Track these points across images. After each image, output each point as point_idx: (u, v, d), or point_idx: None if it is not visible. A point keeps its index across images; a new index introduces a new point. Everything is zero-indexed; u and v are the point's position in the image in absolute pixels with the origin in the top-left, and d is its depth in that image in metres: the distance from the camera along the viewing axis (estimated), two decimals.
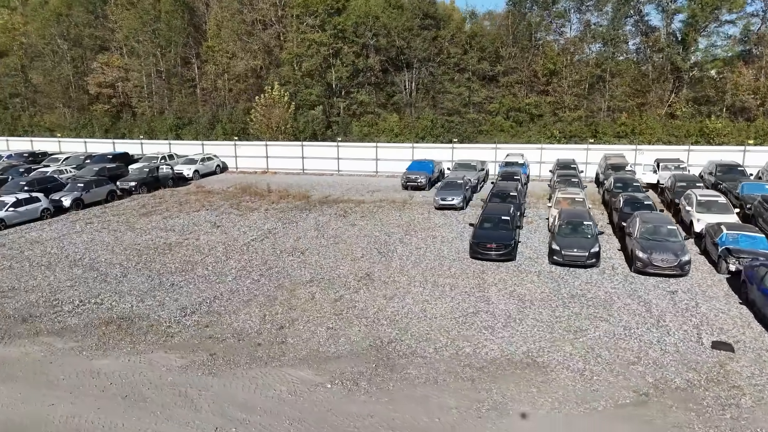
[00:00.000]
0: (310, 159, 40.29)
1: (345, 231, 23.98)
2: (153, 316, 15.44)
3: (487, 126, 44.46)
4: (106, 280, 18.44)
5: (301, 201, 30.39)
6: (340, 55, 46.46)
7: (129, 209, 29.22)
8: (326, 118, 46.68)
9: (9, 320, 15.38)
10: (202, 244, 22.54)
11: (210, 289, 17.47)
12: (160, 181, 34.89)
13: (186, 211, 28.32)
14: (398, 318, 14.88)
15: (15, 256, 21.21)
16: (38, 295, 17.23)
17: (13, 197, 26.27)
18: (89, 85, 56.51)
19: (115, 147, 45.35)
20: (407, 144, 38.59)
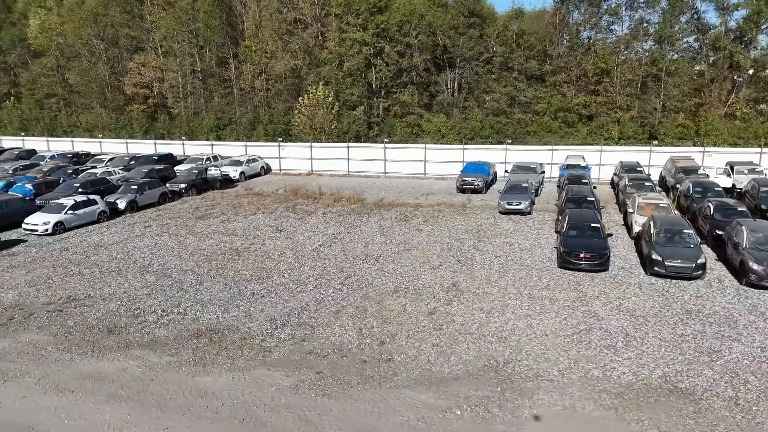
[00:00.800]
0: (356, 161, 39.51)
1: (413, 236, 23.10)
2: (243, 329, 14.72)
3: (534, 127, 43.23)
4: (183, 288, 17.83)
5: (356, 204, 29.59)
6: (382, 55, 45.64)
7: (183, 212, 28.73)
8: (367, 118, 45.89)
9: (94, 331, 14.81)
10: (269, 249, 21.85)
11: (293, 298, 16.72)
12: (208, 183, 34.43)
13: (243, 215, 27.72)
14: (505, 335, 13.94)
15: (82, 261, 20.75)
16: (117, 303, 16.66)
17: (71, 199, 25.92)
18: (125, 86, 56.66)
19: (157, 148, 45.15)
20: (457, 145, 37.58)
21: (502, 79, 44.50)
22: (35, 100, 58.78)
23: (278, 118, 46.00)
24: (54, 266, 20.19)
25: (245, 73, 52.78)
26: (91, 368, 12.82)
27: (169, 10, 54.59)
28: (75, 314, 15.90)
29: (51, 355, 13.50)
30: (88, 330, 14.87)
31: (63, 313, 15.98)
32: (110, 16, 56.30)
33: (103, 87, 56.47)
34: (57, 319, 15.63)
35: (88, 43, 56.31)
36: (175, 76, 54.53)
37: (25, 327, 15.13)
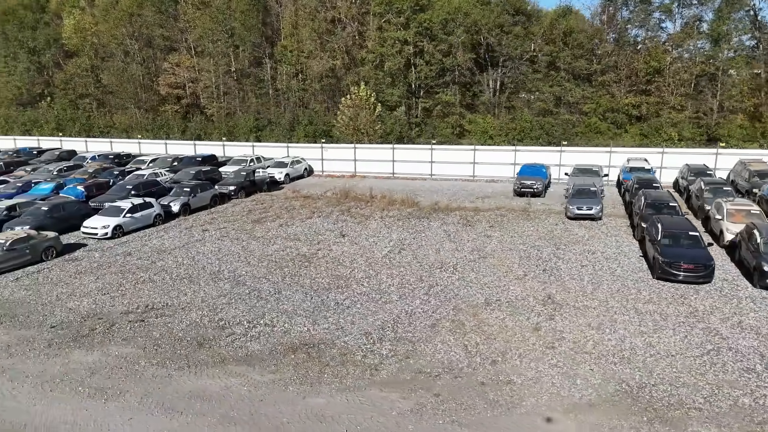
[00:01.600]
0: (401, 163, 38.64)
1: (484, 243, 22.15)
2: (339, 343, 13.94)
3: (582, 128, 42.00)
4: (262, 297, 17.12)
5: (412, 208, 28.69)
6: (424, 54, 44.74)
7: (237, 215, 28.12)
8: (407, 119, 45.03)
9: (183, 344, 14.14)
10: (338, 255, 21.07)
11: (381, 310, 15.91)
12: (256, 185, 33.85)
13: (299, 219, 27.01)
14: (626, 354, 12.95)
15: (149, 267, 20.17)
16: (199, 313, 16.01)
17: (128, 202, 25.45)
18: (160, 86, 56.53)
19: (196, 149, 44.76)
20: (508, 147, 36.51)
21: (548, 78, 43.36)
22: (69, 100, 58.97)
23: (318, 119, 45.32)
24: (122, 272, 19.65)
25: (281, 74, 52.32)
26: (192, 386, 12.13)
27: (204, 9, 54.36)
28: (158, 325, 15.26)
29: (146, 370, 12.85)
30: (176, 342, 14.21)
31: (146, 324, 15.36)
32: (144, 16, 56.22)
33: (137, 87, 56.40)
34: (141, 330, 15.01)
35: (122, 44, 56.31)
36: (210, 77, 54.26)
37: (110, 339, 14.52)
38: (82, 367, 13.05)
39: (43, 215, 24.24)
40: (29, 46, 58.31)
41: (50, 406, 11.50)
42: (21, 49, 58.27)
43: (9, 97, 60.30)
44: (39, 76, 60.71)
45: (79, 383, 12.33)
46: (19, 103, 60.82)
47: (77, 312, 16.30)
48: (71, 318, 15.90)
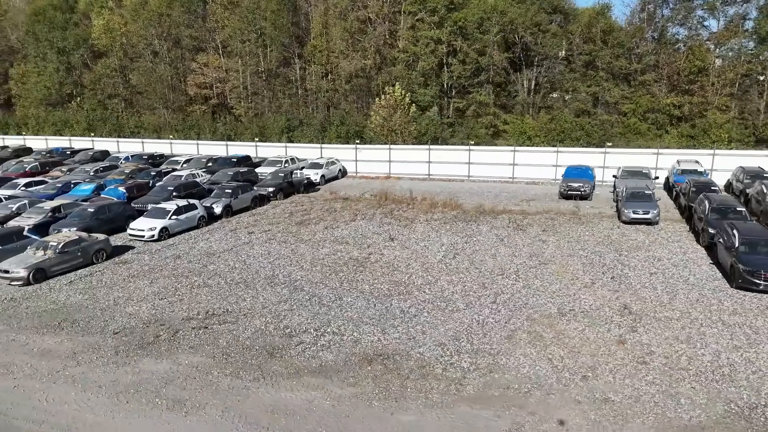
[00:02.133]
0: (437, 164, 38.01)
1: (540, 248, 21.42)
2: (414, 354, 13.39)
3: (620, 128, 40.96)
4: (323, 303, 16.64)
5: (456, 211, 28.04)
6: (458, 53, 44.06)
7: (278, 217, 27.73)
8: (440, 119, 44.36)
9: (253, 353, 13.70)
10: (391, 260, 20.53)
11: (450, 319, 15.32)
12: (294, 186, 33.49)
13: (342, 221, 26.53)
14: (726, 371, 12.19)
15: (202, 271, 19.83)
16: (262, 320, 15.57)
17: (173, 204, 25.19)
18: (188, 86, 56.60)
19: (228, 149, 44.60)
20: (549, 148, 35.66)
21: (586, 78, 42.40)
22: (97, 100, 59.33)
23: (350, 120, 44.87)
24: (175, 276, 19.33)
25: (310, 74, 52.02)
26: (272, 399, 11.66)
27: (233, 9, 54.27)
28: (223, 332, 14.85)
29: (220, 381, 12.43)
30: (245, 351, 13.77)
31: (210, 331, 14.96)
32: (173, 17, 56.31)
33: (165, 87, 56.52)
34: (206, 337, 14.61)
35: (151, 44, 56.49)
36: (238, 77, 54.16)
37: (176, 346, 14.14)
38: (154, 376, 12.67)
39: (89, 217, 24.07)
40: (59, 47, 58.79)
41: (130, 418, 11.11)
42: (51, 50, 58.76)
43: (38, 98, 60.86)
44: (68, 76, 61.19)
45: (154, 394, 11.94)
46: (48, 103, 61.35)
47: (138, 317, 15.98)
48: (133, 324, 15.57)
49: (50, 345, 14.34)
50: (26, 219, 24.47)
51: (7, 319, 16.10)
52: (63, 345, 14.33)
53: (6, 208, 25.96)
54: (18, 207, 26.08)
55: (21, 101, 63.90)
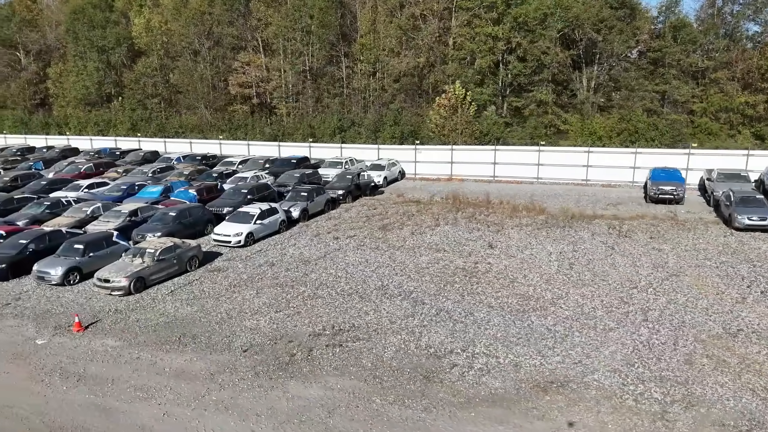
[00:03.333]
0: (503, 165, 36.61)
1: (660, 258, 19.84)
2: (590, 382, 12.05)
3: (690, 128, 39.20)
4: (454, 318, 15.36)
5: (543, 215, 26.66)
6: (517, 50, 42.58)
7: (356, 221, 26.52)
8: (499, 118, 42.92)
9: (406, 376, 12.45)
10: (502, 270, 19.21)
11: (607, 339, 13.94)
12: (361, 188, 32.30)
13: (426, 226, 25.23)
14: None
15: (305, 280, 18.64)
16: (398, 338, 14.32)
17: (257, 208, 24.07)
18: (230, 85, 55.71)
19: (281, 150, 43.56)
20: (626, 149, 34.06)
21: (654, 75, 40.69)
22: (137, 100, 58.73)
23: (405, 120, 43.60)
24: (280, 286, 18.19)
25: (359, 72, 50.82)
26: None
27: (278, 7, 53.25)
28: (362, 351, 13.64)
29: (388, 410, 11.20)
30: (397, 374, 12.53)
31: (347, 349, 13.76)
32: (215, 14, 55.45)
33: (207, 87, 55.71)
34: (346, 357, 13.41)
35: (192, 43, 55.70)
36: (284, 76, 53.14)
37: (318, 367, 12.96)
38: (312, 403, 11.49)
39: (171, 221, 23.04)
40: (99, 45, 58.25)
41: None
42: (91, 48, 58.23)
43: (77, 97, 60.39)
44: (108, 75, 60.63)
45: (322, 426, 10.76)
46: (87, 103, 60.91)
47: (261, 332, 14.84)
48: (259, 340, 14.43)
49: (181, 364, 13.24)
50: (104, 223, 23.53)
51: (119, 333, 15.06)
52: (195, 364, 13.22)
53: (80, 212, 25.03)
54: (92, 210, 25.20)
55: (58, 101, 63.60)
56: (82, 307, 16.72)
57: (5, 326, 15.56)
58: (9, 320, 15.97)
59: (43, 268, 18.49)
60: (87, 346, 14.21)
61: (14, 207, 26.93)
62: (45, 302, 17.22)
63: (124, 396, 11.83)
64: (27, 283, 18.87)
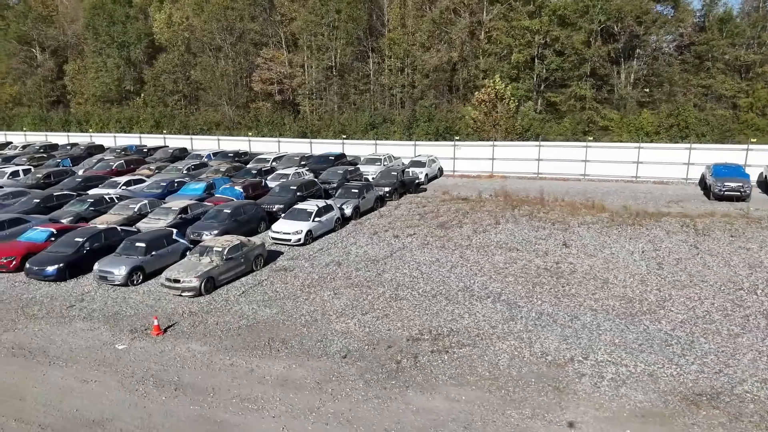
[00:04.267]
0: (547, 161, 35.51)
1: (753, 257, 18.69)
2: (742, 394, 10.97)
3: (735, 124, 38.06)
4: (560, 322, 14.27)
5: (604, 213, 25.53)
6: (555, 44, 41.47)
7: (410, 219, 25.43)
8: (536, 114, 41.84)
9: (534, 387, 11.33)
10: (587, 270, 18.09)
11: (740, 346, 12.79)
12: (405, 185, 31.25)
13: (486, 224, 24.13)
14: None
15: (380, 281, 17.53)
16: (506, 344, 13.17)
17: (314, 205, 23.02)
18: (254, 82, 54.64)
19: (312, 147, 42.50)
20: (680, 145, 32.97)
21: (699, 70, 39.58)
22: (157, 97, 57.70)
23: (440, 116, 42.50)
24: (356, 286, 17.12)
25: (386, 68, 49.73)
26: None
27: (303, 2, 52.15)
28: (472, 358, 12.58)
29: (532, 426, 10.11)
30: (524, 385, 11.43)
31: (455, 356, 12.68)
32: (238, 9, 54.40)
33: (230, 83, 54.65)
34: (457, 364, 12.33)
35: (215, 38, 54.65)
36: (310, 72, 52.09)
37: (432, 376, 11.87)
38: (442, 417, 10.42)
39: (227, 218, 21.97)
40: (119, 41, 57.23)
41: None
42: (112, 45, 57.19)
43: (96, 94, 59.36)
44: (128, 72, 59.57)
45: None
46: (106, 100, 59.88)
47: (354, 337, 13.79)
48: (354, 345, 13.38)
49: (281, 371, 12.19)
50: (155, 221, 22.48)
51: (202, 337, 14.01)
52: (295, 372, 12.17)
53: (127, 209, 24.00)
54: (139, 207, 24.16)
55: (75, 98, 62.59)
56: (153, 309, 15.68)
57: (77, 329, 14.53)
58: (79, 323, 14.95)
59: (105, 267, 17.45)
60: (173, 351, 13.16)
61: (55, 204, 25.99)
62: (112, 304, 16.19)
63: (232, 407, 10.79)
64: (86, 283, 17.86)
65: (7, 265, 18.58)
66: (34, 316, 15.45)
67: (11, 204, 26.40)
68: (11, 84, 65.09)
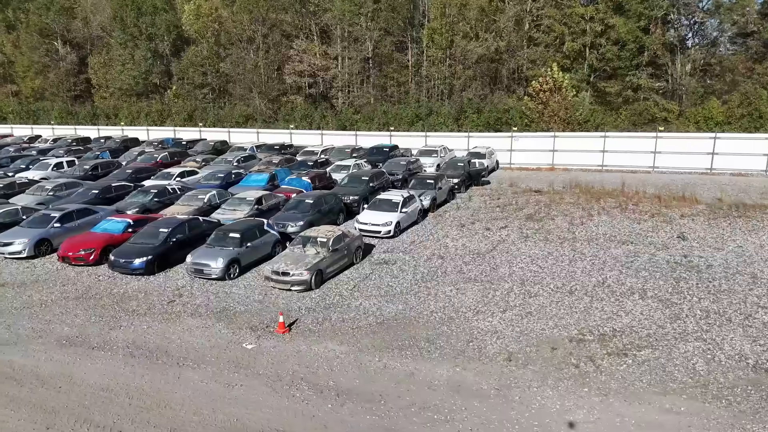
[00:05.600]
0: (612, 153, 33.88)
1: None
2: None
3: None
4: (735, 322, 12.74)
5: (698, 205, 23.85)
6: (610, 32, 39.85)
7: (491, 211, 23.81)
8: (590, 104, 40.24)
9: (758, 397, 9.85)
10: (723, 263, 16.40)
11: None
12: (472, 177, 29.69)
13: (579, 215, 22.60)
14: None
15: (498, 276, 15.99)
16: (692, 346, 11.63)
17: (399, 195, 21.45)
18: (286, 74, 53.08)
19: (357, 139, 40.93)
20: (760, 135, 31.38)
21: (764, 58, 37.91)
22: (185, 90, 56.17)
23: (491, 107, 40.89)
24: (475, 281, 15.50)
25: (428, 59, 48.13)
26: None
27: None
28: (661, 362, 11.00)
29: None
30: (744, 395, 9.87)
31: (637, 360, 11.12)
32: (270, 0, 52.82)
33: (262, 76, 53.06)
34: (648, 369, 10.73)
35: (246, 30, 53.10)
36: (345, 64, 50.56)
37: (629, 384, 10.28)
38: None
39: (309, 209, 20.42)
40: (147, 33, 55.71)
41: None
42: (140, 36, 55.68)
43: (123, 87, 57.81)
44: (157, 64, 58.01)
45: None
46: (132, 93, 58.36)
47: (507, 337, 12.18)
48: (514, 347, 11.76)
49: (447, 375, 10.62)
50: (231, 211, 20.90)
51: (333, 335, 12.44)
52: (464, 376, 10.56)
53: (196, 199, 22.47)
54: (208, 198, 22.63)
55: (100, 92, 61.04)
56: (263, 305, 14.15)
57: (190, 327, 12.99)
58: (188, 319, 13.41)
59: (200, 260, 15.90)
60: (310, 351, 11.61)
61: (114, 195, 24.51)
62: (215, 299, 14.64)
63: (416, 418, 9.24)
64: (176, 276, 16.33)
65: (86, 257, 17.05)
66: (135, 311, 13.92)
67: (66, 195, 24.96)
68: (32, 78, 63.66)
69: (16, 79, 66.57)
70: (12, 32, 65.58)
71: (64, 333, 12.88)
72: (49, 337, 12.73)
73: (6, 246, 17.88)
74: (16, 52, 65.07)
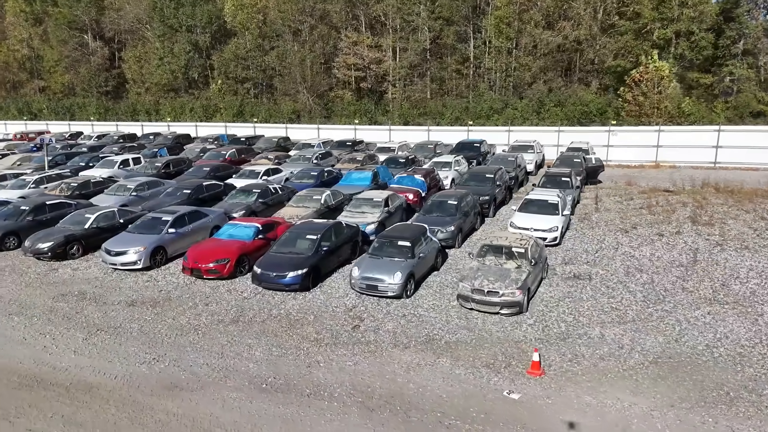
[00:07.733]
0: (727, 149, 30.83)
1: None
2: None
3: None
4: None
5: None
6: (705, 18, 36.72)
7: (635, 212, 20.74)
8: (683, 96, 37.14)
9: None
10: None
11: None
12: (589, 175, 26.56)
13: (752, 218, 19.65)
14: None
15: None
16: None
17: (555, 196, 18.35)
18: (336, 68, 50.16)
19: (430, 134, 37.98)
20: None
21: None
22: (228, 85, 53.31)
23: (574, 100, 37.87)
24: (734, 303, 12.61)
25: (495, 49, 45.05)
26: None
27: None
28: None
29: None
30: None
31: None
32: None
33: (310, 70, 50.13)
34: None
35: (292, 21, 50.18)
36: (400, 56, 47.61)
37: None
38: None
39: (455, 211, 17.27)
40: (187, 25, 52.83)
41: None
42: (180, 29, 52.81)
43: (160, 82, 54.90)
44: (196, 58, 55.12)
45: None
46: (170, 88, 55.52)
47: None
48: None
49: None
50: (360, 214, 17.77)
51: (616, 380, 9.43)
52: None
53: (311, 200, 19.32)
54: (324, 199, 19.50)
55: (134, 87, 58.17)
56: (472, 332, 11.20)
57: (408, 363, 9.99)
58: (398, 353, 10.39)
59: (371, 273, 12.94)
60: (600, 403, 8.64)
61: (207, 195, 21.65)
62: (405, 323, 11.68)
63: None
64: (333, 293, 13.39)
65: (220, 269, 14.12)
66: (318, 340, 10.97)
67: (149, 196, 22.09)
68: (61, 73, 60.83)
69: (44, 75, 63.91)
70: (40, 26, 62.83)
71: (252, 371, 9.91)
72: (239, 378, 9.75)
73: (118, 255, 14.98)
74: (44, 46, 62.45)
